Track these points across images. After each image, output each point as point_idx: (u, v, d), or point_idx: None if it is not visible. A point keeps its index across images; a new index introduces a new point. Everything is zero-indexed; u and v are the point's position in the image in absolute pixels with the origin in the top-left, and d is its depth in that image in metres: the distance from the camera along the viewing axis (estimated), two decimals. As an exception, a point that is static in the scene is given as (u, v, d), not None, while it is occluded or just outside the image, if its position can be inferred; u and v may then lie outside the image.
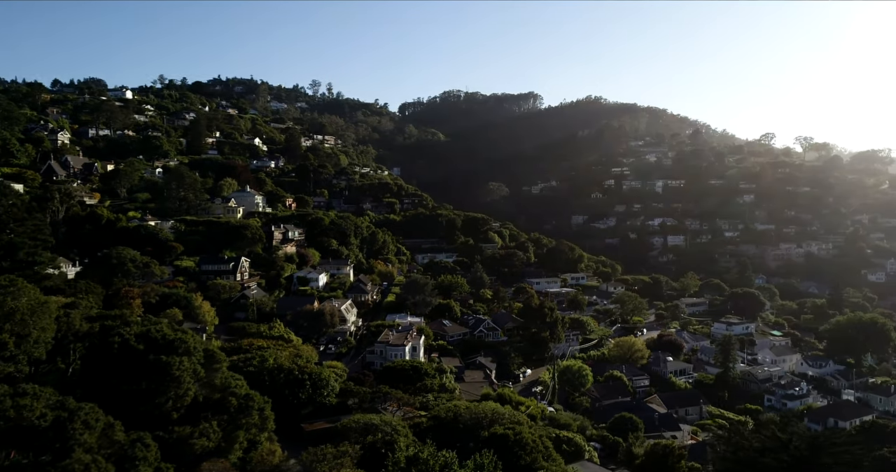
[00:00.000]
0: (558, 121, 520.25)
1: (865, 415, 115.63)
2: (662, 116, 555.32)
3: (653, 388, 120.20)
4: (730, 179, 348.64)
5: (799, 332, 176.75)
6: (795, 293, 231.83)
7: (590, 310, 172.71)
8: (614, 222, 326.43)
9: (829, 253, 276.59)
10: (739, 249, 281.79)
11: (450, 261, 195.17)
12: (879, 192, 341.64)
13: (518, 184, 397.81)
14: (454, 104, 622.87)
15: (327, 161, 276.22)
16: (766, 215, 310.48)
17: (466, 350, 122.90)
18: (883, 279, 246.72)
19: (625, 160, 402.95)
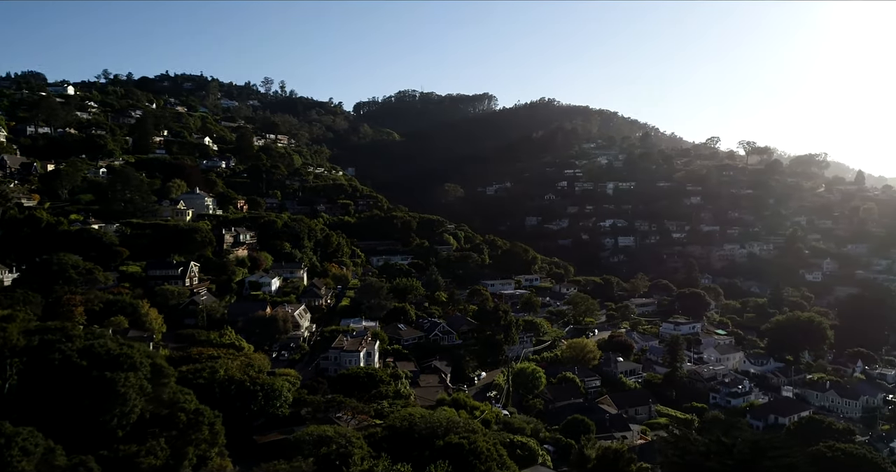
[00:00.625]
0: (512, 122, 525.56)
1: (803, 411, 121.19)
2: (613, 118, 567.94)
3: (604, 388, 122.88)
4: (677, 181, 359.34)
5: (742, 331, 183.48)
6: (739, 293, 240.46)
7: (543, 311, 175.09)
8: (567, 223, 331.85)
9: (770, 253, 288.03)
10: (686, 249, 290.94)
11: (405, 263, 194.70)
12: (816, 195, 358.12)
13: (473, 185, 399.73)
14: (409, 104, 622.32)
15: (280, 161, 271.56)
16: (712, 217, 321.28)
17: (422, 354, 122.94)
18: (819, 279, 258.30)
19: (577, 162, 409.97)
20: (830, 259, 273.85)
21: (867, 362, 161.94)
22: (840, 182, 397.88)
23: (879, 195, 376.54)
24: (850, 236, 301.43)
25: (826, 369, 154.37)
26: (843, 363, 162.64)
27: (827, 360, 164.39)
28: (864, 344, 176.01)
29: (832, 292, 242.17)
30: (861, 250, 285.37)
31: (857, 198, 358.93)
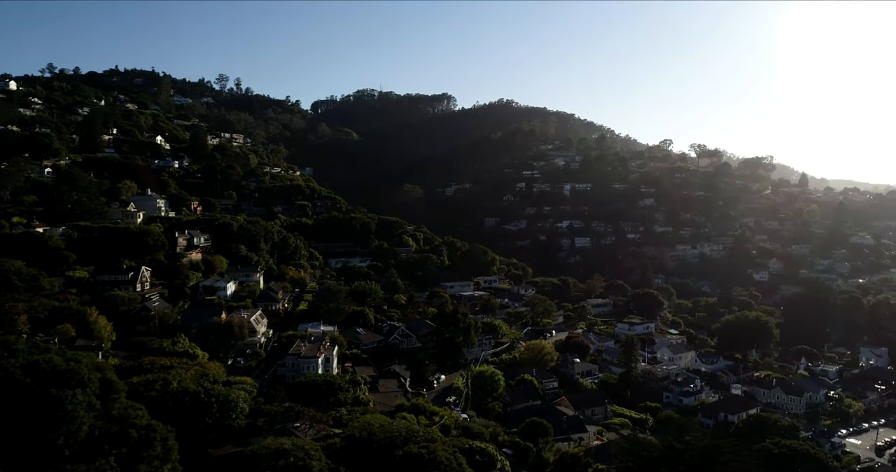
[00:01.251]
0: (471, 123, 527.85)
1: (751, 408, 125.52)
2: (570, 120, 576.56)
3: (561, 390, 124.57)
4: (632, 183, 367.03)
5: (693, 330, 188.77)
6: (691, 292, 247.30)
7: (502, 313, 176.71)
8: (525, 224, 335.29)
9: (720, 254, 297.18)
10: (641, 250, 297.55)
11: (364, 265, 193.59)
12: (763, 197, 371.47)
13: (432, 185, 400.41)
14: (368, 104, 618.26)
15: (236, 161, 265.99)
16: (665, 218, 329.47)
17: (381, 358, 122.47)
18: (766, 278, 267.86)
19: (535, 163, 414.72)
20: (776, 259, 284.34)
21: (810, 359, 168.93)
22: (785, 184, 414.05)
23: (821, 197, 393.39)
24: (795, 236, 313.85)
25: (772, 367, 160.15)
26: (788, 361, 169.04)
27: (773, 358, 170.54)
28: (808, 342, 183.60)
29: (778, 291, 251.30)
30: (804, 251, 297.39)
31: (800, 200, 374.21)
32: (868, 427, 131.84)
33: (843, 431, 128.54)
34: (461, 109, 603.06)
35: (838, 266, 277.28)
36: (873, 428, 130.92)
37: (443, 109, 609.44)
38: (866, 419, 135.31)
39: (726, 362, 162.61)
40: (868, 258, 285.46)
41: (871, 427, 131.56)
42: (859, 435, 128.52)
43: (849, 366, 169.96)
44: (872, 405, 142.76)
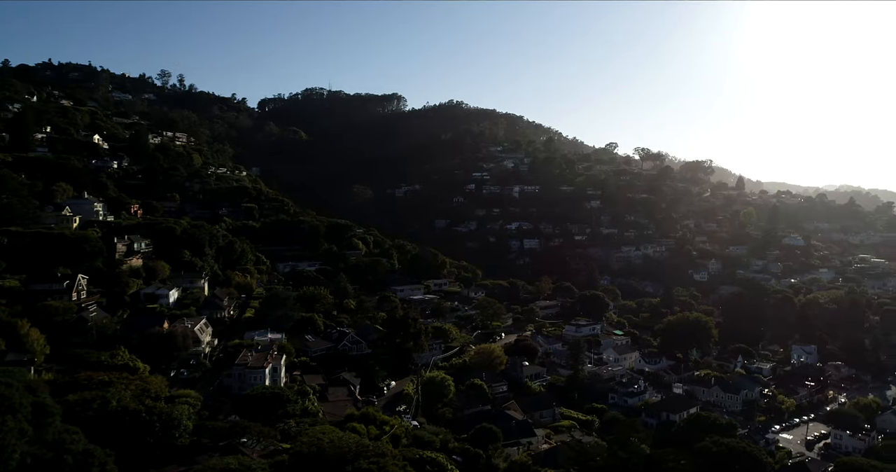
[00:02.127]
0: (421, 124, 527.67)
1: (692, 407, 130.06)
2: (519, 122, 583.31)
3: (511, 393, 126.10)
4: (579, 185, 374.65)
5: (638, 330, 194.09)
6: (635, 293, 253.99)
7: (452, 317, 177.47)
8: (475, 226, 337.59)
9: (663, 255, 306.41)
10: (587, 251, 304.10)
11: (312, 270, 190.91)
12: (703, 199, 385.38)
13: (382, 186, 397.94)
14: (317, 102, 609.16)
15: (179, 162, 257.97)
16: (611, 220, 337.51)
17: (330, 366, 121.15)
18: (705, 279, 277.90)
19: (485, 165, 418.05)
20: (715, 260, 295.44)
21: (746, 358, 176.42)
22: (723, 187, 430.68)
23: (756, 200, 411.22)
24: (732, 238, 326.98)
25: (712, 366, 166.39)
26: (726, 359, 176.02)
27: (712, 357, 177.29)
28: (744, 340, 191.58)
29: (716, 291, 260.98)
30: (741, 251, 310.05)
31: (737, 202, 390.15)
32: (799, 422, 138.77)
33: (776, 426, 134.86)
34: (411, 110, 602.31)
35: (772, 267, 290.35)
36: (804, 423, 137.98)
37: (393, 109, 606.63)
38: (797, 415, 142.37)
39: (668, 362, 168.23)
40: (799, 259, 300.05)
41: (802, 422, 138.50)
42: (791, 430, 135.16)
43: (781, 363, 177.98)
44: (803, 401, 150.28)
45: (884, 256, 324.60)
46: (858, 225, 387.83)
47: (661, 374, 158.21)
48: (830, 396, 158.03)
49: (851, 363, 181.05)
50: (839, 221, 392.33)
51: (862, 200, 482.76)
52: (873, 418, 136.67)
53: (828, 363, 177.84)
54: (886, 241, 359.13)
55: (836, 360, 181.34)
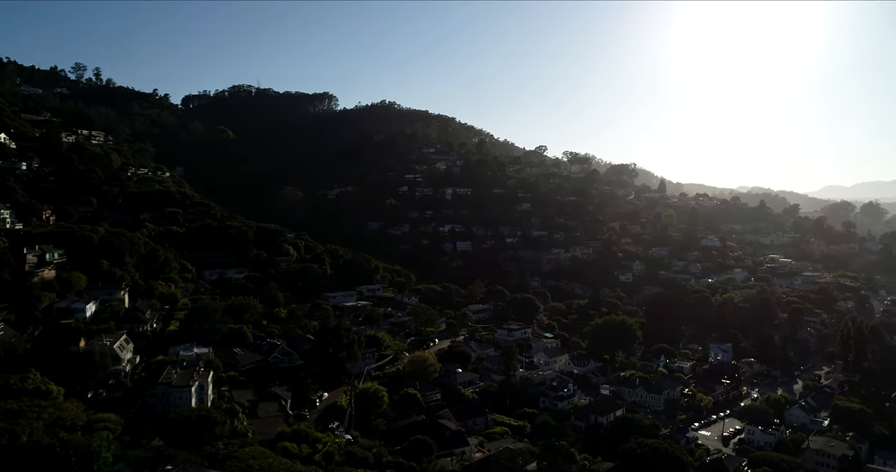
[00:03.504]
0: (354, 124, 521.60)
1: (618, 409, 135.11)
2: (451, 124, 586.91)
3: (444, 402, 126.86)
4: (510, 188, 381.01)
5: (567, 333, 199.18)
6: (564, 294, 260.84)
7: (386, 323, 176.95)
8: (408, 229, 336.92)
9: (590, 256, 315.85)
10: (519, 253, 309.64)
11: (241, 277, 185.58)
12: (627, 202, 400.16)
13: (314, 188, 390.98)
14: (245, 100, 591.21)
15: (96, 163, 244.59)
16: (541, 222, 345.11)
17: (260, 379, 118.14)
18: (630, 279, 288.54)
19: (418, 167, 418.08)
20: (639, 261, 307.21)
21: (668, 357, 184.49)
22: (647, 190, 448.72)
23: (677, 202, 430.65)
24: (655, 239, 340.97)
25: (636, 366, 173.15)
26: (650, 359, 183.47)
27: (637, 357, 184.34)
28: (667, 339, 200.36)
29: (641, 291, 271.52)
30: (663, 253, 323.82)
31: (660, 205, 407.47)
32: (716, 419, 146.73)
33: (695, 424, 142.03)
34: (343, 110, 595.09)
35: (691, 267, 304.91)
36: (720, 419, 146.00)
37: (324, 108, 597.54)
38: (715, 411, 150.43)
39: (596, 364, 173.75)
40: (716, 259, 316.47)
41: (719, 419, 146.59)
42: (709, 427, 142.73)
43: (700, 362, 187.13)
44: (720, 398, 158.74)
45: (791, 256, 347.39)
46: (769, 226, 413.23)
47: (589, 376, 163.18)
48: (744, 392, 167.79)
49: (763, 360, 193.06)
50: (751, 223, 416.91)
51: (771, 202, 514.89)
52: (782, 412, 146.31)
53: (742, 360, 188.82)
54: (793, 241, 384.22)
55: (749, 357, 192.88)
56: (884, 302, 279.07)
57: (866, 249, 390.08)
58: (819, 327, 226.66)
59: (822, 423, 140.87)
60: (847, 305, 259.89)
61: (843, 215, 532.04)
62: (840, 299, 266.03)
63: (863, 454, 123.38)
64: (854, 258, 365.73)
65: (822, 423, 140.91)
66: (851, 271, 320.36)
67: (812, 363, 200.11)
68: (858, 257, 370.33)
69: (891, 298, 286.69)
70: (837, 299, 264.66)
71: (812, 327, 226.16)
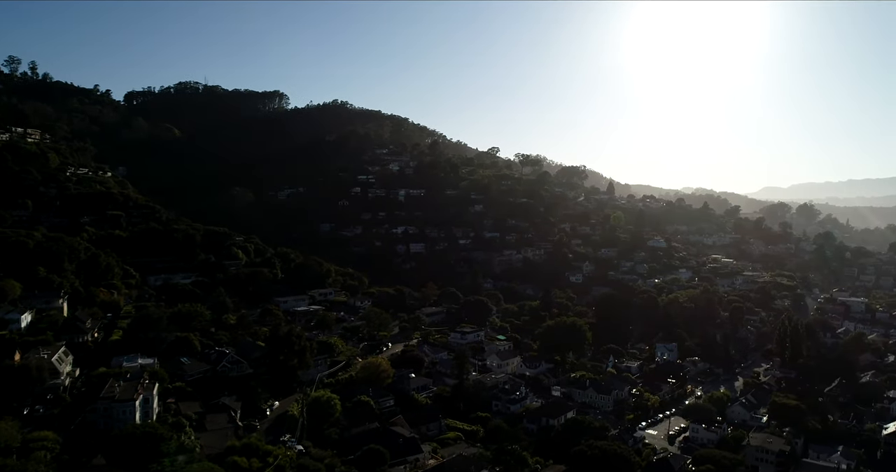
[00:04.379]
0: (305, 123, 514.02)
1: (569, 411, 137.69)
2: (404, 124, 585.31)
3: (397, 408, 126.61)
4: (463, 189, 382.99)
5: (519, 334, 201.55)
6: (517, 296, 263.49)
7: (338, 328, 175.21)
8: (361, 230, 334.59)
9: (542, 258, 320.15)
10: (472, 255, 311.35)
11: (188, 282, 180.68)
12: (577, 203, 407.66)
13: (264, 189, 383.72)
14: (191, 97, 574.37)
15: (32, 163, 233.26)
16: (493, 224, 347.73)
17: (209, 390, 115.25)
18: (581, 280, 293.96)
19: (370, 168, 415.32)
20: (589, 262, 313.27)
21: (617, 357, 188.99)
22: (596, 192, 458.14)
23: (625, 204, 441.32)
24: (604, 240, 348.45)
25: (587, 367, 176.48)
26: (599, 360, 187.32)
27: (587, 358, 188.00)
28: (615, 339, 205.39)
29: (590, 292, 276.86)
30: (612, 254, 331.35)
31: (608, 206, 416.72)
32: (662, 418, 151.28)
33: (643, 423, 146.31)
34: (294, 109, 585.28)
35: (639, 267, 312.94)
36: (666, 418, 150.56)
37: (275, 107, 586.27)
38: (661, 410, 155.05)
39: (548, 365, 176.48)
40: (662, 260, 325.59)
41: (665, 417, 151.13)
42: (655, 426, 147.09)
43: (647, 361, 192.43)
44: (666, 397, 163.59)
45: (732, 256, 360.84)
46: (711, 227, 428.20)
47: (541, 377, 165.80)
48: (689, 390, 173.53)
49: (706, 358, 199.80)
50: (695, 224, 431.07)
51: (714, 203, 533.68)
52: (724, 410, 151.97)
53: (686, 359, 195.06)
54: (734, 242, 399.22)
55: (693, 355, 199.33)
56: (817, 300, 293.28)
57: (801, 249, 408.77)
58: (758, 326, 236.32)
59: (761, 419, 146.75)
60: (784, 303, 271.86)
61: (780, 216, 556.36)
62: (777, 297, 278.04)
63: (798, 449, 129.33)
64: (790, 258, 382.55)
65: (762, 419, 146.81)
66: (788, 271, 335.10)
67: (752, 361, 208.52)
68: (794, 257, 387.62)
69: (823, 296, 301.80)
70: (775, 297, 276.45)
71: (752, 325, 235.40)
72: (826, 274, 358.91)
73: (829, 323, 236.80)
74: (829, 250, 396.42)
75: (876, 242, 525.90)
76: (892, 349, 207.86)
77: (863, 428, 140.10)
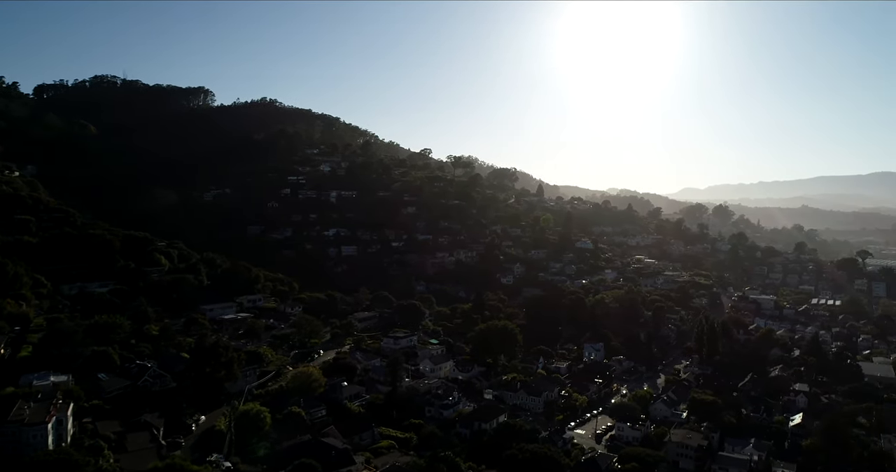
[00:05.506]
0: (232, 122, 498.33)
1: (501, 414, 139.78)
2: (336, 124, 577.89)
3: (330, 418, 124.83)
4: (396, 191, 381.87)
5: (452, 338, 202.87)
6: (449, 298, 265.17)
7: (267, 336, 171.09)
8: (291, 233, 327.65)
9: (473, 260, 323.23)
10: (405, 258, 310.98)
11: (105, 291, 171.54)
12: (508, 205, 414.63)
13: (189, 189, 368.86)
14: (109, 92, 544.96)
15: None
16: (426, 226, 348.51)
17: (130, 407, 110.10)
18: (511, 282, 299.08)
19: (301, 168, 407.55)
20: (520, 264, 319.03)
21: (547, 358, 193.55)
22: (526, 194, 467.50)
23: (554, 206, 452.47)
24: (534, 242, 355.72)
25: (518, 369, 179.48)
26: (530, 361, 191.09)
27: (518, 360, 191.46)
28: (545, 340, 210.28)
29: (521, 293, 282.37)
30: (542, 255, 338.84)
31: (538, 208, 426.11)
32: (590, 417, 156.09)
33: (571, 423, 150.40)
34: (220, 106, 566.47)
35: (567, 269, 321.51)
36: (594, 417, 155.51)
37: (199, 103, 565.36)
38: (589, 410, 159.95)
39: (480, 369, 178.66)
40: (589, 261, 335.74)
41: (592, 417, 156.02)
42: (584, 425, 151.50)
43: (576, 361, 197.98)
44: (593, 396, 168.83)
45: (654, 256, 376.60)
46: (635, 229, 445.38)
47: (473, 381, 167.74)
48: (615, 389, 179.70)
49: (631, 356, 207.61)
50: (620, 225, 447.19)
51: (637, 205, 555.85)
52: (648, 407, 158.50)
53: (613, 358, 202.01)
54: (656, 242, 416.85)
55: (619, 354, 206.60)
56: (731, 298, 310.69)
57: (717, 249, 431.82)
58: (678, 324, 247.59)
59: (681, 415, 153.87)
60: (702, 302, 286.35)
61: (698, 217, 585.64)
62: (696, 296, 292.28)
63: (715, 443, 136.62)
64: (707, 258, 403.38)
65: (682, 415, 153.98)
66: (705, 270, 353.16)
67: (673, 358, 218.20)
68: (710, 257, 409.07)
69: (737, 294, 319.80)
70: (693, 296, 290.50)
71: (672, 323, 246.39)
72: (739, 273, 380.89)
73: (742, 320, 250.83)
74: (742, 249, 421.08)
75: (784, 241, 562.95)
76: (797, 344, 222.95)
77: (772, 420, 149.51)
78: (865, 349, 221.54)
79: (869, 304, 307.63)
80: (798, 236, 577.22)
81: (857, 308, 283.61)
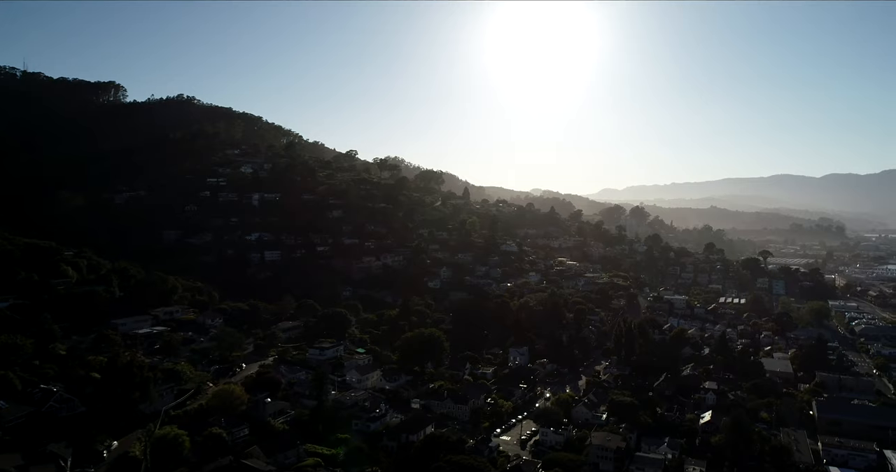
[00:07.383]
0: (146, 119, 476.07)
1: (429, 424, 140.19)
2: (258, 123, 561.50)
3: (253, 437, 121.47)
4: (321, 194, 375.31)
5: (379, 346, 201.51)
6: (376, 304, 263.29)
7: (186, 351, 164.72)
8: (211, 237, 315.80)
9: (400, 264, 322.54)
10: (330, 263, 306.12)
11: (5, 307, 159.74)
12: (435, 209, 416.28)
13: (98, 192, 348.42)
14: (6, 85, 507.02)
15: None
16: (352, 230, 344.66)
17: (34, 436, 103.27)
18: (439, 285, 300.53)
19: (221, 170, 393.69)
20: (446, 268, 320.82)
21: (473, 364, 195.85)
22: (452, 197, 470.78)
23: (480, 209, 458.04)
24: (460, 245, 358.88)
25: (445, 377, 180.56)
26: (457, 367, 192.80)
27: (445, 367, 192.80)
28: (472, 345, 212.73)
29: (448, 297, 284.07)
30: (468, 258, 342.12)
31: (464, 211, 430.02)
32: (515, 423, 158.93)
33: (497, 429, 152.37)
34: (133, 102, 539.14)
35: (493, 272, 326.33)
36: (519, 422, 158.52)
37: (109, 99, 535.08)
38: (514, 415, 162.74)
39: (407, 377, 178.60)
40: (514, 264, 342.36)
41: (518, 422, 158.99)
42: (509, 431, 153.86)
43: (501, 366, 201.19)
44: (518, 401, 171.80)
45: (576, 258, 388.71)
46: (557, 231, 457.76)
47: (400, 391, 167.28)
48: (539, 393, 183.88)
49: (554, 359, 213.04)
50: (543, 228, 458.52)
51: (559, 207, 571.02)
52: (570, 411, 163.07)
53: (537, 362, 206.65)
54: (577, 244, 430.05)
55: (543, 358, 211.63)
56: (647, 298, 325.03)
57: (634, 250, 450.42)
58: (598, 325, 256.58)
59: (601, 417, 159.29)
60: (620, 302, 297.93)
61: (617, 218, 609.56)
62: (615, 297, 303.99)
63: (633, 443, 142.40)
64: (625, 259, 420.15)
65: (602, 417, 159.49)
66: (623, 271, 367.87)
67: (594, 359, 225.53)
68: (628, 258, 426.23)
69: (652, 294, 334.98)
70: (612, 297, 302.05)
71: (593, 325, 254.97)
72: (654, 273, 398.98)
73: (657, 320, 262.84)
74: (657, 250, 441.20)
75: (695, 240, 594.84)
76: (707, 342, 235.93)
77: (685, 419, 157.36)
78: (767, 346, 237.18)
79: (770, 301, 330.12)
80: (707, 236, 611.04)
81: (760, 306, 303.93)
